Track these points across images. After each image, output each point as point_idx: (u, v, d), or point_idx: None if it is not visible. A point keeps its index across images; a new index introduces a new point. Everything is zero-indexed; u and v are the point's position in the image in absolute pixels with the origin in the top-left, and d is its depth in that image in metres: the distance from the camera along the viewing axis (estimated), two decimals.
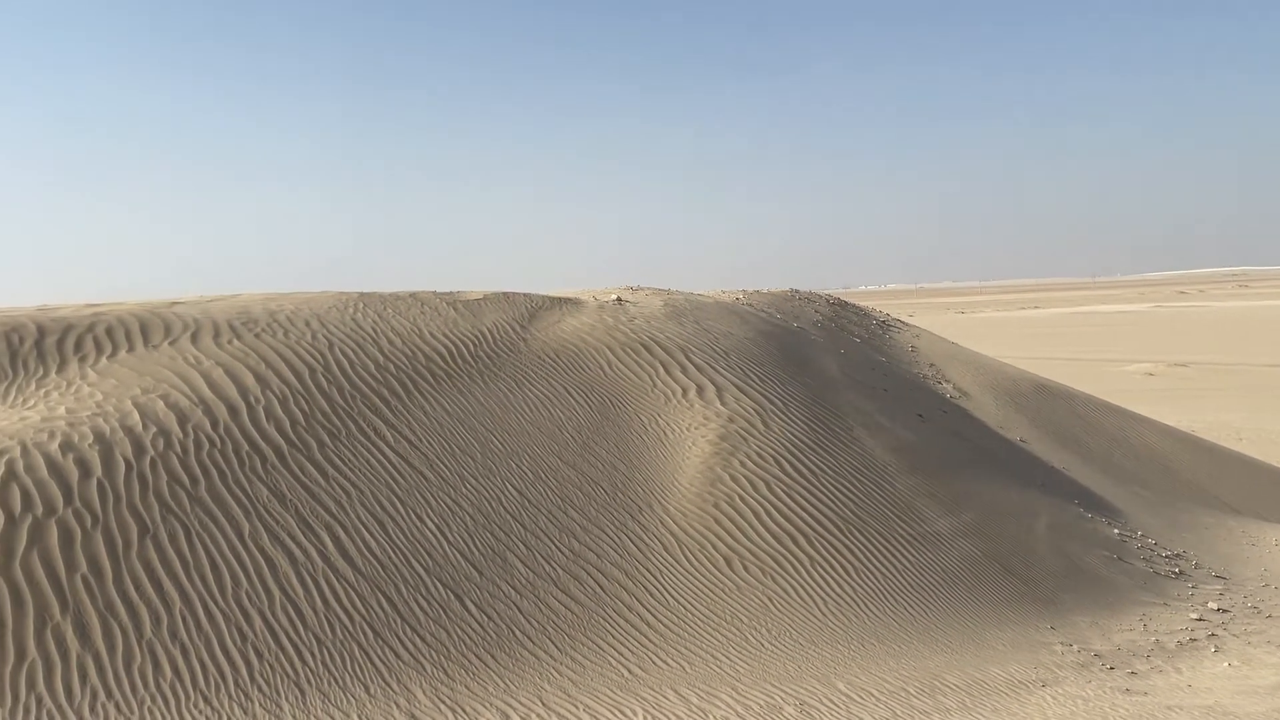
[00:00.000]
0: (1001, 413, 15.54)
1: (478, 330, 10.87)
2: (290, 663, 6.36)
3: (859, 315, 19.88)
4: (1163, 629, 8.50)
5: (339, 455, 8.21)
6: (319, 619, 6.72)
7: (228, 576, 6.79)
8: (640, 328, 11.85)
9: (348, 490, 7.87)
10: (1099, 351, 48.81)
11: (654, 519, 8.70)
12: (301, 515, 7.48)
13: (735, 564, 8.40)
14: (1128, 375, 37.73)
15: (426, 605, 7.11)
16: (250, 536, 7.13)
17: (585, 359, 10.87)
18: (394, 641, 6.73)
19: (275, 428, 8.25)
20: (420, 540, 7.66)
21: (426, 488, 8.20)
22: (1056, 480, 12.50)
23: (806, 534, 8.91)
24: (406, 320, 10.75)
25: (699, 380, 10.85)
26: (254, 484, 7.60)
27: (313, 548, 7.24)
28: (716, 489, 9.20)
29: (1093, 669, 7.45)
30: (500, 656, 6.84)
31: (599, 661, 6.97)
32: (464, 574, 7.49)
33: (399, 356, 9.88)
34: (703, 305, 13.92)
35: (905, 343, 18.57)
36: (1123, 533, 10.98)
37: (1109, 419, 17.16)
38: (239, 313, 10.08)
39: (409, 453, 8.53)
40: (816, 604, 8.08)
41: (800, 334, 14.75)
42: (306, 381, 9.00)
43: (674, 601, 7.82)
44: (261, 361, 9.11)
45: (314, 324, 10.10)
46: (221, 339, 9.44)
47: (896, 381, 14.60)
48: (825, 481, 9.71)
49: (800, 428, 10.51)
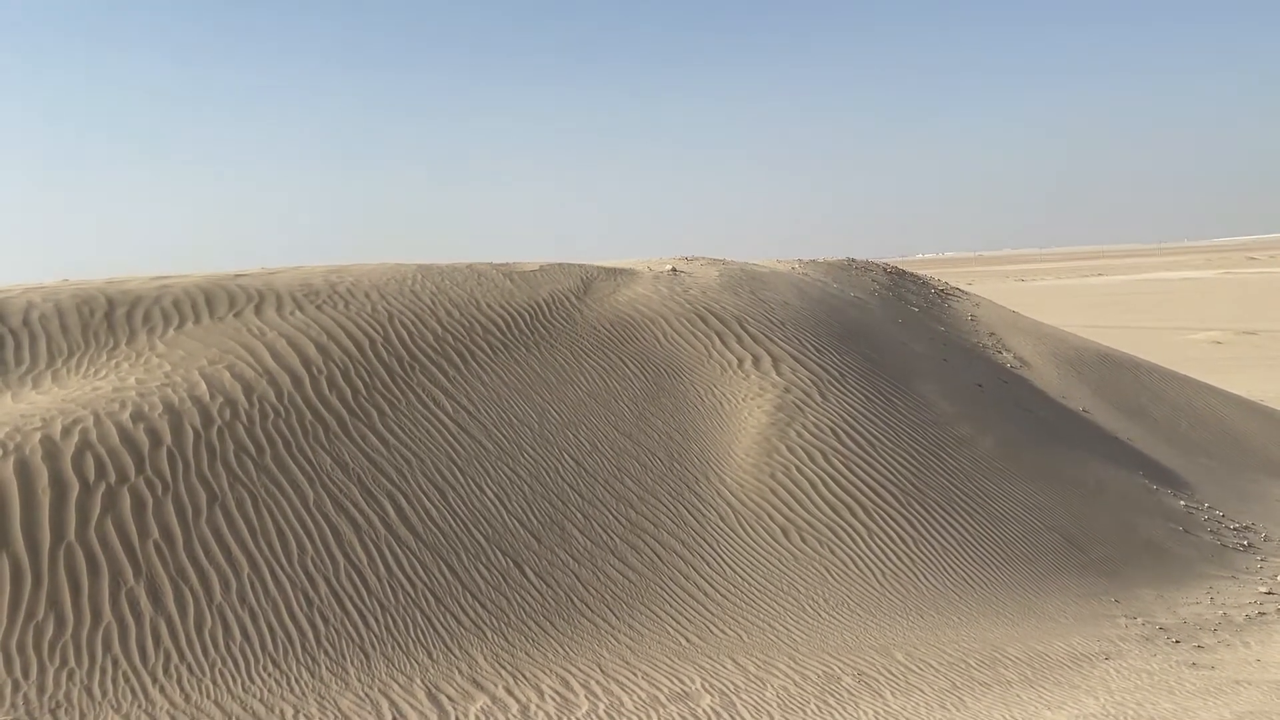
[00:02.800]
0: (1063, 382, 15.23)
1: (534, 301, 10.92)
2: (355, 628, 6.50)
3: (917, 284, 19.59)
4: (1230, 602, 8.31)
5: (399, 424, 8.33)
6: (382, 585, 6.86)
7: (293, 543, 6.95)
8: (696, 298, 11.81)
9: (408, 459, 7.99)
10: (1164, 319, 47.52)
11: (710, 489, 8.71)
12: (364, 483, 7.61)
13: (792, 534, 8.38)
14: (1194, 343, 36.70)
15: (487, 573, 7.21)
16: (315, 504, 7.29)
17: (641, 330, 10.87)
18: (455, 608, 6.85)
19: (337, 397, 8.39)
20: (480, 509, 7.76)
21: (485, 457, 8.29)
22: (1120, 451, 12.24)
23: (864, 504, 8.85)
24: (463, 291, 10.83)
25: (755, 351, 10.79)
26: (317, 452, 7.75)
27: (375, 515, 7.37)
28: (773, 459, 9.17)
29: (1157, 642, 7.32)
30: (559, 624, 6.92)
31: (657, 630, 7.02)
32: (523, 542, 7.58)
33: (456, 327, 9.97)
34: (758, 275, 13.82)
35: (965, 312, 18.27)
36: (1189, 504, 10.73)
37: (1174, 388, 16.73)
38: (301, 284, 10.24)
39: (468, 422, 8.63)
40: (874, 574, 8.04)
41: (857, 304, 14.59)
42: (367, 352, 9.13)
43: (731, 571, 7.83)
44: (323, 333, 9.26)
45: (373, 295, 10.23)
46: (284, 310, 9.60)
47: (956, 351, 14.38)
48: (882, 452, 9.62)
49: (857, 398, 10.41)
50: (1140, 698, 6.20)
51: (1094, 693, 6.30)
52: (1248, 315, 47.24)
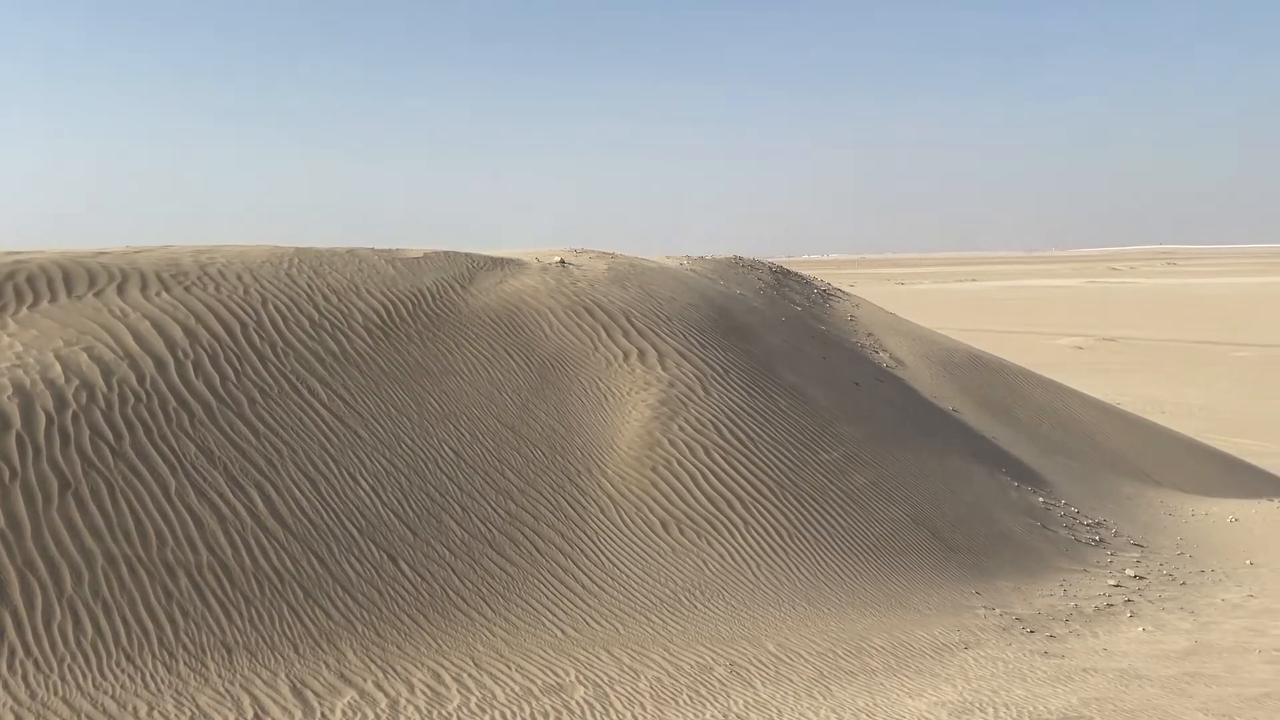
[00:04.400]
0: (935, 382, 15.83)
1: (417, 289, 10.71)
2: (217, 622, 6.26)
3: (801, 284, 20.04)
4: (1081, 594, 8.78)
5: (270, 413, 8.05)
6: (247, 578, 6.62)
7: (153, 534, 6.64)
8: (583, 290, 11.79)
9: (279, 448, 7.73)
10: (1032, 325, 49.93)
11: (592, 482, 8.71)
12: (230, 473, 7.33)
13: (671, 527, 8.45)
14: (1058, 348, 38.70)
15: (359, 565, 7.04)
16: (177, 494, 6.98)
17: (527, 321, 10.79)
18: (325, 601, 6.66)
19: (204, 383, 8.06)
20: (354, 500, 7.57)
21: (361, 447, 8.09)
22: (986, 449, 12.79)
23: (742, 498, 9.00)
24: (343, 276, 10.54)
25: (641, 345, 10.84)
26: (181, 440, 7.42)
27: (242, 506, 7.11)
28: (655, 453, 9.23)
29: (1014, 632, 7.68)
30: (433, 617, 6.82)
31: (533, 623, 6.99)
32: (398, 535, 7.43)
33: (334, 313, 9.70)
34: (647, 270, 13.89)
35: (845, 312, 18.79)
36: (1047, 501, 11.29)
37: (1038, 390, 17.60)
38: (168, 264, 9.79)
39: (343, 411, 8.40)
40: (750, 566, 8.19)
41: (743, 301, 14.82)
42: (238, 337, 8.79)
43: (610, 564, 7.85)
44: (191, 315, 8.87)
45: (246, 278, 9.86)
46: (149, 291, 9.17)
47: (835, 350, 14.77)
48: (762, 447, 9.80)
49: (739, 394, 10.57)
50: (995, 685, 6.49)
51: (953, 681, 6.56)
52: (1108, 323, 50.05)
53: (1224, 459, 17.26)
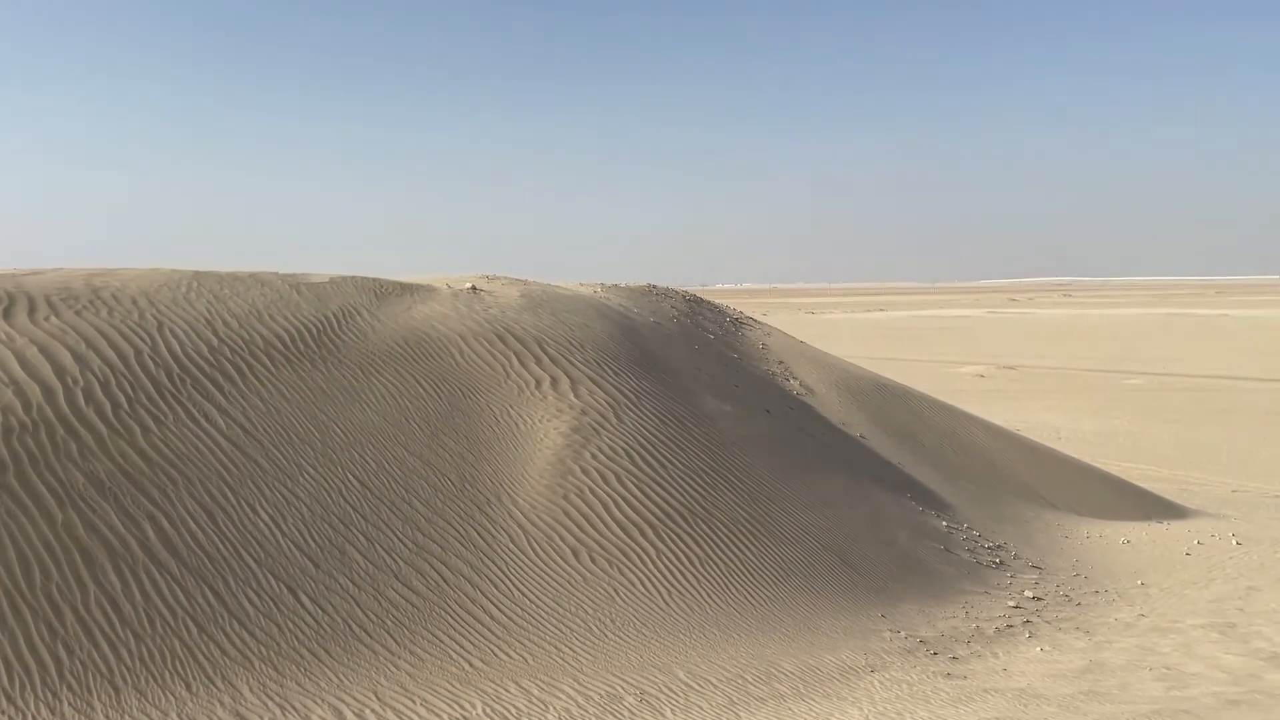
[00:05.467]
0: (844, 409, 16.12)
1: (322, 315, 10.48)
2: (104, 659, 5.96)
3: (714, 312, 20.25)
4: (983, 616, 9.00)
5: (165, 441, 7.75)
6: (138, 613, 6.33)
7: (37, 569, 6.31)
8: (495, 317, 11.70)
9: (174, 478, 7.44)
10: (936, 353, 51.39)
11: (502, 511, 8.61)
12: (122, 504, 7.02)
13: (582, 555, 8.39)
14: (961, 376, 39.87)
15: (256, 599, 6.80)
16: (64, 526, 6.65)
17: (437, 348, 10.65)
18: (219, 636, 6.41)
19: (95, 411, 7.73)
20: (252, 531, 7.32)
21: (261, 477, 7.85)
22: (892, 475, 13.06)
23: (654, 525, 9.00)
24: (244, 302, 10.26)
25: (553, 372, 10.79)
26: (69, 470, 7.09)
27: (133, 539, 6.81)
28: (567, 481, 9.17)
29: (918, 654, 7.81)
30: (335, 651, 6.62)
31: (439, 655, 6.84)
32: (299, 566, 7.21)
33: (235, 339, 9.42)
34: (560, 297, 13.86)
35: (757, 340, 19.03)
36: (950, 525, 11.57)
37: (942, 417, 18.06)
38: (58, 288, 9.39)
39: (242, 440, 8.14)
40: (661, 594, 8.17)
41: (656, 329, 14.89)
42: (131, 363, 8.47)
43: (519, 594, 7.75)
44: (82, 340, 8.52)
45: (141, 302, 9.51)
46: (38, 315, 8.77)
47: (747, 378, 14.93)
48: (674, 474, 9.83)
49: (652, 421, 10.60)
50: (900, 707, 6.59)
51: (859, 704, 6.64)
52: (1008, 352, 51.81)
53: (1117, 483, 17.95)
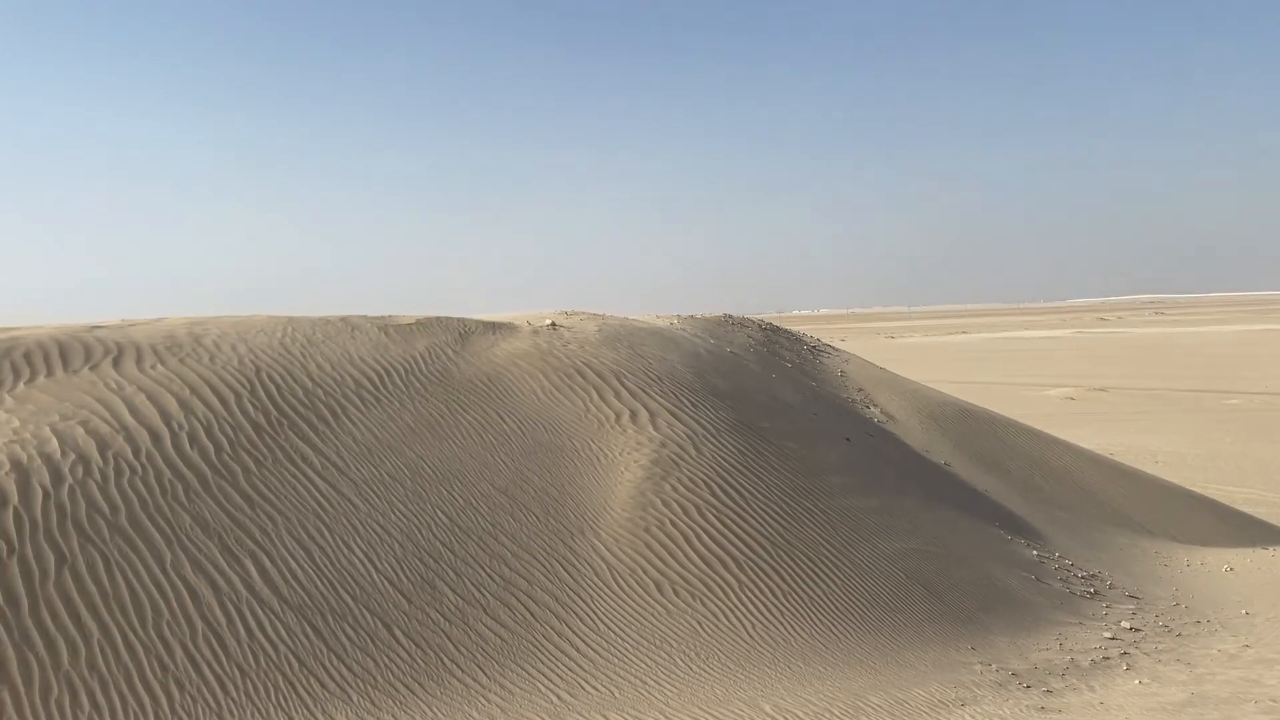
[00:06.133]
0: (926, 436, 15.92)
1: (409, 355, 10.83)
2: (212, 694, 6.25)
3: (790, 340, 20.22)
4: (1077, 647, 8.79)
5: (265, 482, 8.10)
6: (242, 649, 6.62)
7: (148, 607, 6.65)
8: (574, 353, 11.92)
9: (273, 517, 7.77)
10: (1022, 376, 50.18)
11: (585, 544, 8.75)
12: (226, 544, 7.36)
13: (665, 588, 8.47)
14: (1049, 399, 38.85)
15: (353, 634, 7.05)
16: (172, 566, 7.01)
17: (519, 384, 10.90)
18: (320, 671, 6.66)
19: (199, 454, 8.12)
20: (348, 568, 7.59)
21: (354, 515, 8.14)
22: (978, 503, 12.84)
23: (736, 558, 9.03)
24: (336, 345, 10.66)
25: (632, 405, 10.94)
26: (176, 512, 7.47)
27: (237, 577, 7.13)
28: (648, 514, 9.28)
29: (1010, 688, 7.67)
30: (428, 684, 6.81)
31: (528, 688, 6.98)
32: (392, 602, 7.44)
33: (328, 381, 9.80)
34: (637, 330, 14.05)
35: (835, 367, 18.93)
36: (1041, 554, 11.32)
37: (1030, 442, 17.68)
38: (163, 337, 9.91)
39: (337, 479, 8.46)
40: (745, 627, 8.19)
41: (733, 359, 14.96)
42: (232, 407, 8.88)
43: (604, 627, 7.86)
44: (185, 386, 8.96)
45: (240, 348, 9.97)
46: (144, 363, 9.27)
47: (826, 406, 14.88)
48: (755, 505, 9.85)
49: (731, 452, 10.65)
50: None
51: None
52: (1099, 373, 50.31)
53: (1218, 508, 17.30)
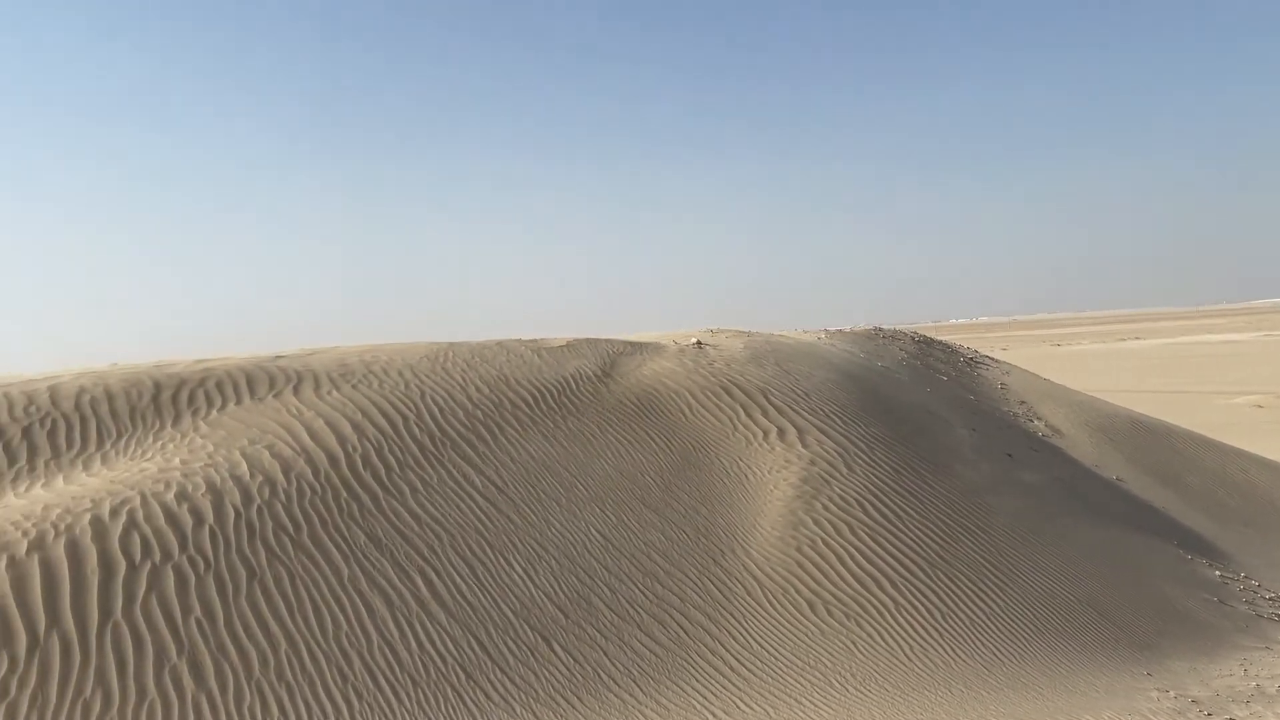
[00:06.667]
0: (1097, 450, 15.17)
1: (561, 376, 11.18)
2: (388, 703, 6.63)
3: (946, 352, 19.67)
4: (1264, 674, 8.20)
5: (431, 501, 8.54)
6: (414, 660, 7.00)
7: (329, 619, 7.13)
8: (720, 370, 12.01)
9: (439, 534, 8.19)
10: (1203, 383, 46.89)
11: (736, 562, 8.80)
12: (396, 559, 7.81)
13: (819, 608, 8.42)
14: (1234, 408, 36.17)
15: (515, 648, 7.33)
16: (349, 580, 7.48)
17: (666, 403, 11.07)
18: (485, 683, 6.97)
19: (371, 475, 8.64)
20: (508, 583, 7.91)
21: (514, 532, 8.47)
22: (1155, 520, 12.15)
23: (891, 578, 8.89)
24: (493, 368, 11.12)
25: (780, 423, 10.93)
26: (352, 529, 7.97)
27: (407, 591, 7.55)
28: (799, 532, 9.25)
29: (1189, 715, 7.24)
30: (586, 699, 7.01)
31: (683, 705, 7.08)
32: (550, 617, 7.70)
33: (486, 404, 10.24)
34: (783, 346, 14.01)
35: (994, 380, 18.30)
36: (1224, 574, 10.62)
37: (1211, 455, 16.58)
38: (337, 364, 10.59)
39: (496, 497, 8.83)
40: (902, 648, 8.05)
41: (884, 373, 14.71)
42: (400, 430, 9.40)
43: (758, 645, 7.88)
44: (358, 411, 9.55)
45: (406, 374, 10.54)
46: (321, 390, 9.93)
47: (985, 420, 14.41)
48: (910, 525, 9.67)
49: (884, 470, 10.49)
50: None
51: None
52: None
53: None
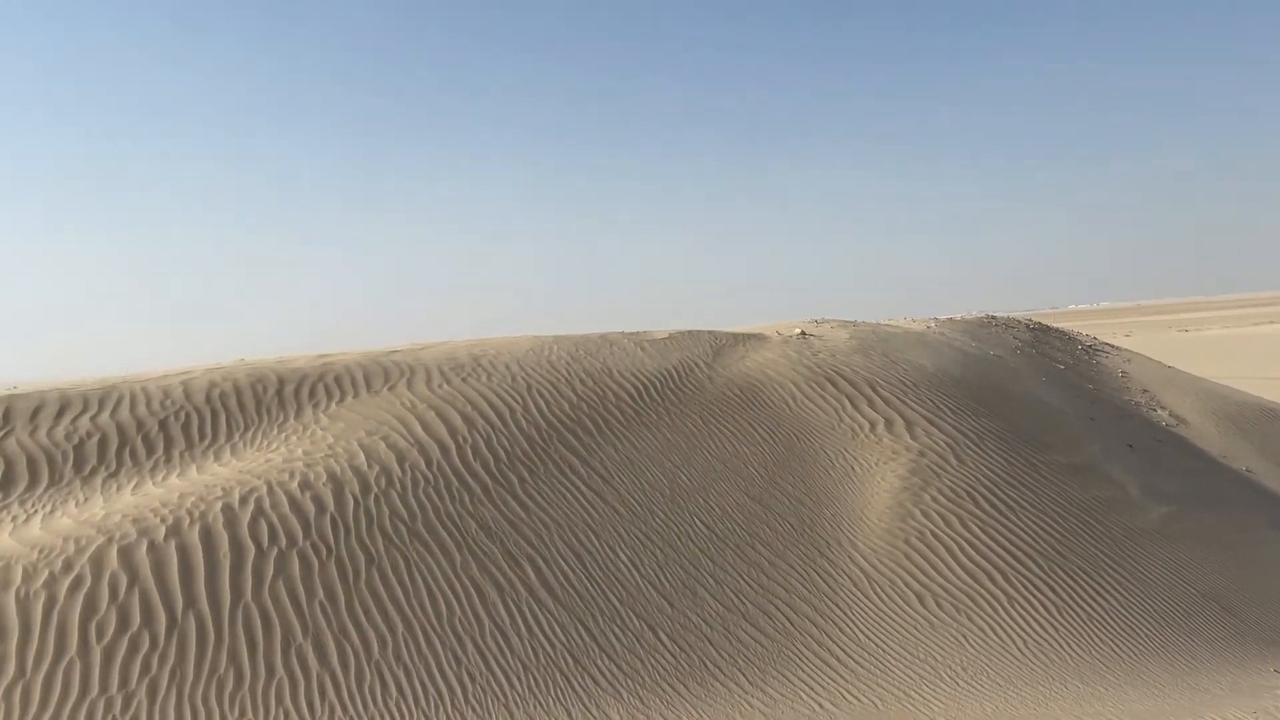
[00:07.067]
0: (1224, 440, 14.46)
1: (664, 368, 11.27)
2: (500, 686, 6.85)
3: (1062, 340, 19.03)
4: None
5: (538, 490, 8.75)
6: (524, 646, 7.20)
7: (443, 604, 7.39)
8: (825, 361, 11.90)
9: (547, 523, 8.38)
10: None
11: (842, 554, 8.74)
12: (506, 547, 8.03)
13: (928, 600, 8.30)
14: None
15: (621, 635, 7.46)
16: (462, 567, 7.73)
17: (770, 394, 11.04)
18: (592, 669, 7.11)
19: (481, 465, 8.89)
20: (614, 572, 8.05)
21: (619, 521, 8.60)
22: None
23: (1003, 570, 8.69)
24: (597, 360, 11.28)
25: (887, 414, 10.78)
26: (464, 518, 8.23)
27: (517, 578, 7.76)
28: (907, 524, 9.12)
29: None
30: (692, 686, 7.09)
31: (790, 695, 7.09)
32: (656, 606, 7.81)
33: (590, 395, 10.40)
34: (891, 336, 13.79)
35: (1114, 368, 17.61)
36: None
37: None
38: (447, 358, 10.91)
39: (601, 487, 8.97)
40: (1014, 642, 7.87)
41: (997, 362, 14.32)
42: (508, 421, 9.64)
43: (864, 637, 7.82)
44: (468, 403, 9.83)
45: (513, 367, 10.80)
46: (433, 383, 10.26)
47: (1104, 410, 13.90)
48: (1024, 517, 9.42)
49: (996, 462, 10.24)
50: None
51: None
52: None
53: None
